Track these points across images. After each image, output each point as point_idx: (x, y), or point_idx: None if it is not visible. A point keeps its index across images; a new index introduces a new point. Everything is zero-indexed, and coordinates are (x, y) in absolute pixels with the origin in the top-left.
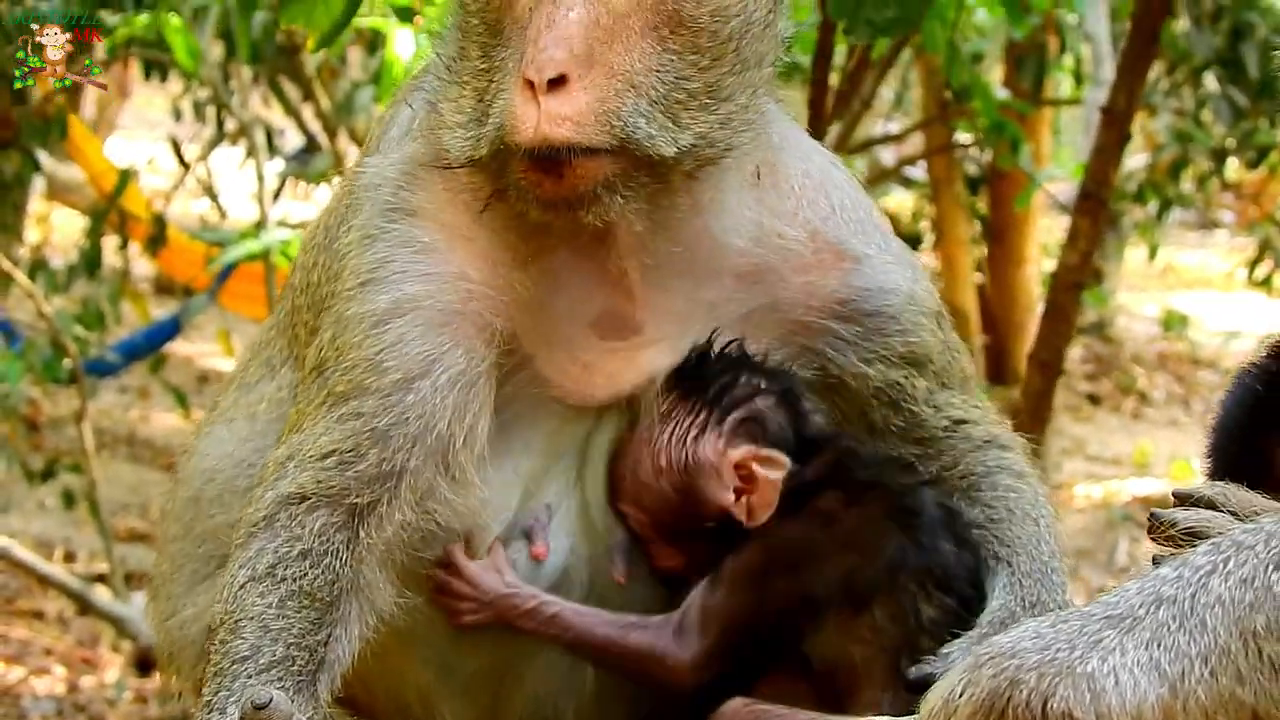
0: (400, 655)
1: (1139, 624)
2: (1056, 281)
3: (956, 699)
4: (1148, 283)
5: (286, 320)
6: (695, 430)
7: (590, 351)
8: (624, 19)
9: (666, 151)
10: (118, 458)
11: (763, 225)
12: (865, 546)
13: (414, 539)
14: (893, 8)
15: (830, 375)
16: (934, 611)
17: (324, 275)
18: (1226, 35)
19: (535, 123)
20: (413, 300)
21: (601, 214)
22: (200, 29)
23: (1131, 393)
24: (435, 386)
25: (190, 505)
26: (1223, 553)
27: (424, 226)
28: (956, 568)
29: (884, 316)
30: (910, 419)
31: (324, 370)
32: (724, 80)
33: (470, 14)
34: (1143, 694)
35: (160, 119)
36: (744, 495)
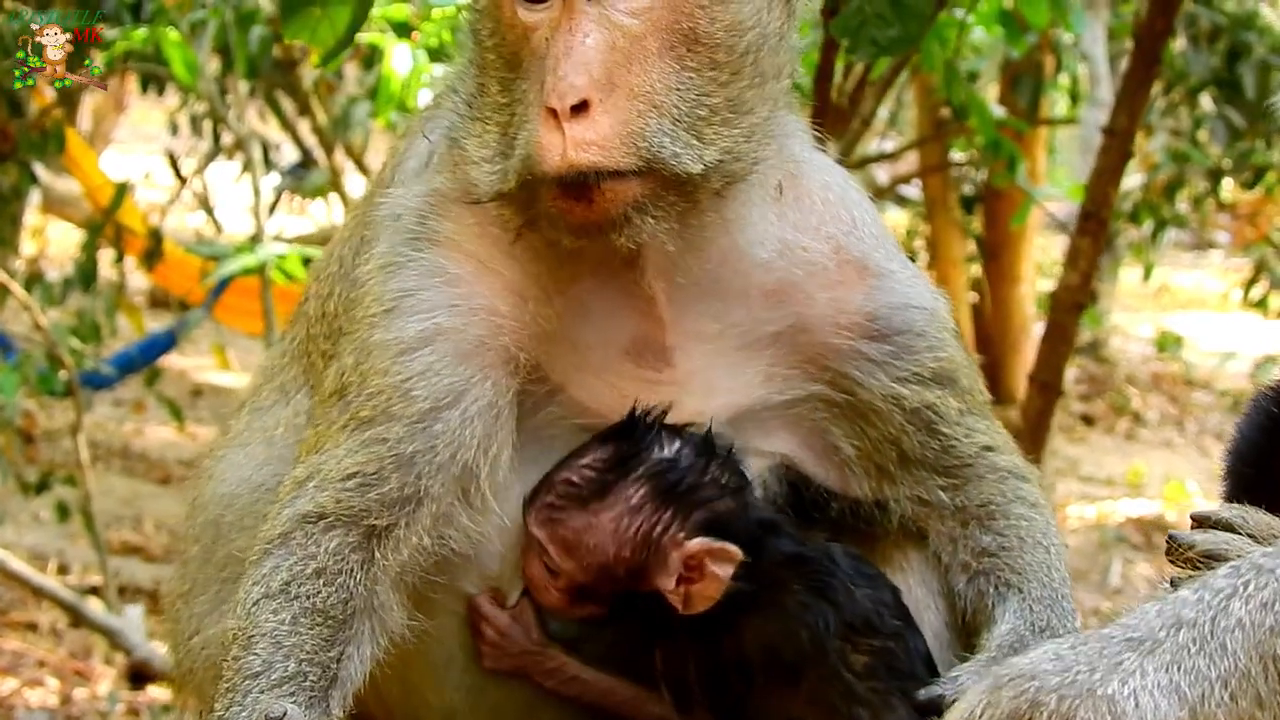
0: (426, 677)
1: (1159, 647)
2: (1057, 302)
3: (977, 719)
4: (1142, 303)
5: (300, 348)
6: (658, 515)
7: (625, 378)
8: (640, 41)
9: (693, 168)
10: (112, 470)
11: (786, 240)
12: (787, 624)
13: (428, 563)
14: (895, 26)
15: (859, 401)
16: (864, 657)
17: (341, 304)
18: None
19: (561, 150)
20: (443, 331)
21: (633, 236)
22: (198, 43)
23: (1125, 413)
24: (464, 417)
25: (210, 529)
26: (1243, 576)
27: (451, 256)
28: (877, 608)
29: (912, 334)
30: (944, 442)
31: (346, 394)
32: (744, 94)
33: (487, 50)
34: (1163, 717)
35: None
36: (685, 585)
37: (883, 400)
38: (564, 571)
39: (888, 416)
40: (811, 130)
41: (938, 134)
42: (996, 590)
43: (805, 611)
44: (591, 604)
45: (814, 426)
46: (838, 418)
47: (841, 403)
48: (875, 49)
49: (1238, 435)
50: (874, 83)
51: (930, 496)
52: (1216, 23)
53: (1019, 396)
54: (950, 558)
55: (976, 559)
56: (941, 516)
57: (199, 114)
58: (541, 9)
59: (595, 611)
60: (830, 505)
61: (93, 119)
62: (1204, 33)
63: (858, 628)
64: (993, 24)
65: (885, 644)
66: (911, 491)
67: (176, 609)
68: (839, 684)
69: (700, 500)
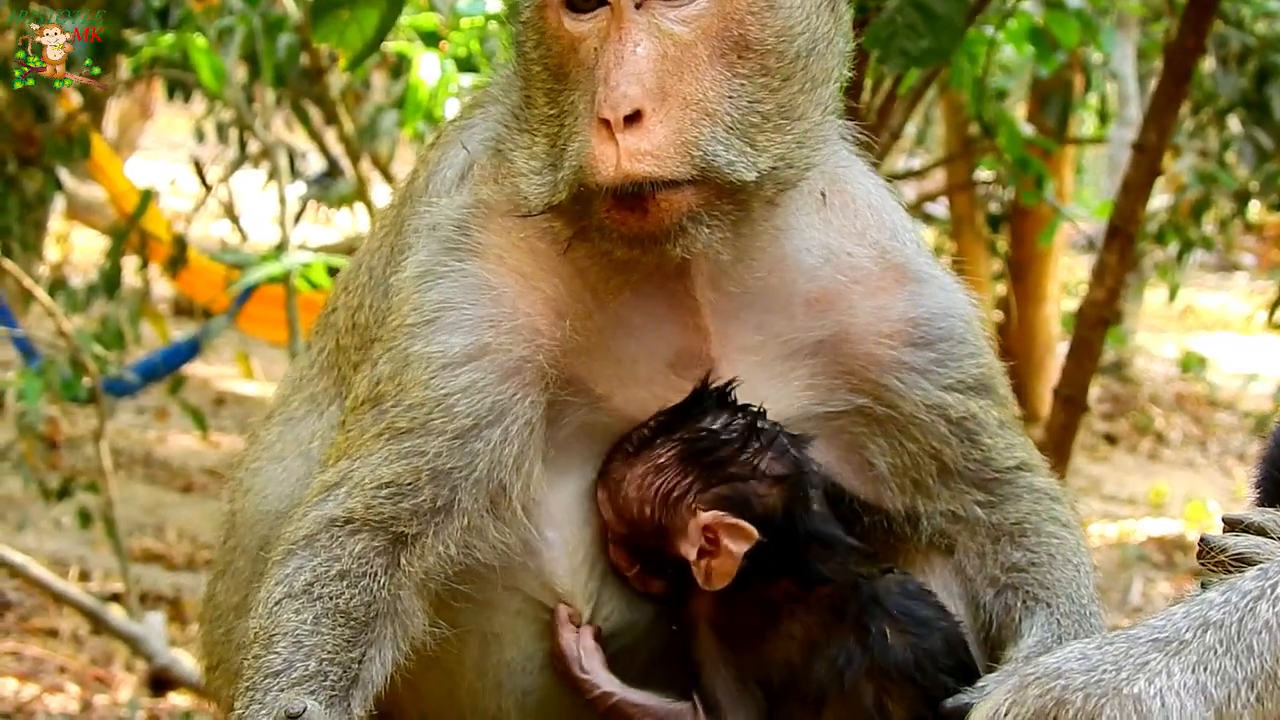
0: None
1: (1186, 647)
2: (1082, 317)
3: (1002, 717)
4: (1167, 324)
5: (330, 360)
6: (680, 479)
7: (671, 390)
8: (691, 49)
9: (747, 176)
10: (134, 478)
11: (832, 246)
12: (806, 647)
13: (452, 571)
14: (927, 38)
15: (901, 415)
16: (903, 708)
17: (373, 314)
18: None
19: (615, 161)
20: (487, 349)
21: (688, 246)
22: (225, 50)
23: (1148, 433)
24: (505, 436)
25: (258, 545)
26: (1270, 578)
27: (492, 269)
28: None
29: (954, 340)
30: (985, 453)
31: (381, 403)
32: (795, 99)
33: (532, 61)
34: (1188, 716)
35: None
36: (706, 558)
37: (926, 410)
38: (610, 523)
39: (930, 428)
40: (854, 136)
41: (965, 152)
42: (1024, 605)
43: (828, 643)
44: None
45: (852, 441)
46: (876, 433)
47: (882, 416)
48: (906, 60)
49: (1272, 444)
50: (903, 96)
51: (966, 512)
52: (1246, 44)
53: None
54: (976, 571)
55: (1005, 573)
56: (974, 532)
57: (225, 121)
58: (589, 19)
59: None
60: (863, 519)
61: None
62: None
63: (894, 677)
64: (1023, 42)
65: (930, 694)
66: (947, 507)
67: (230, 623)
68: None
69: (725, 475)
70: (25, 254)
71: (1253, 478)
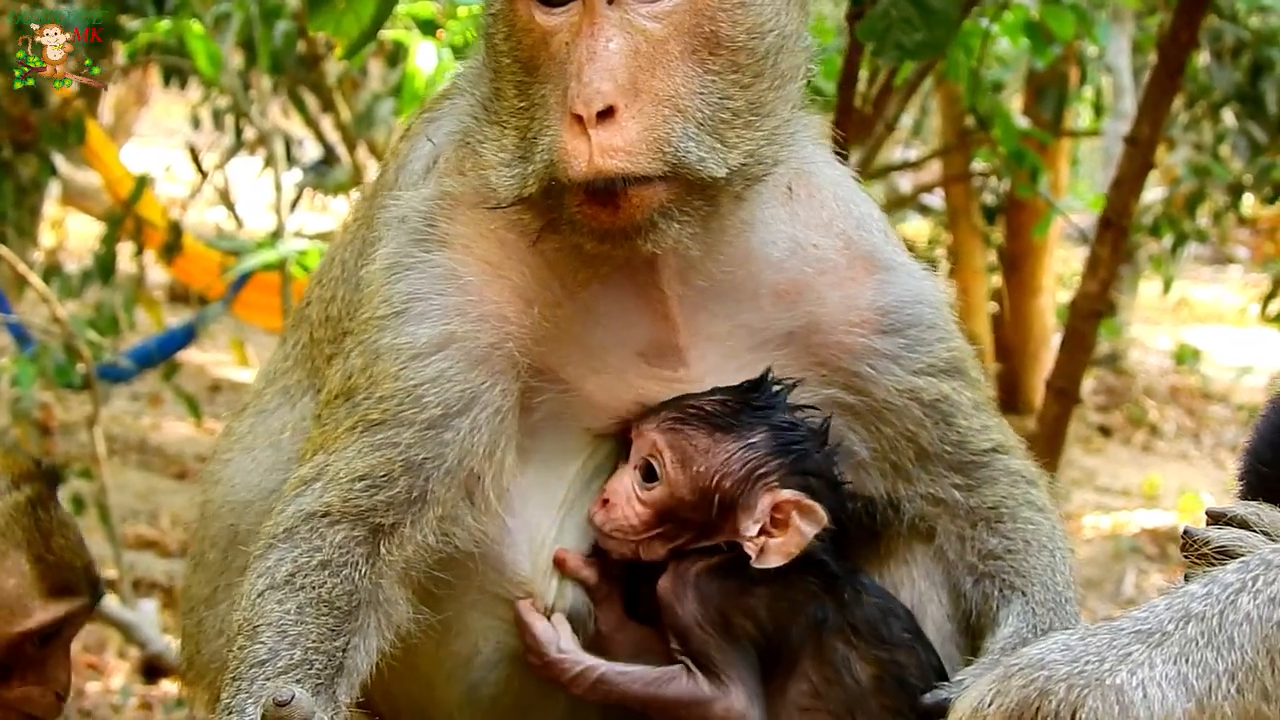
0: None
1: (1168, 639)
2: (1075, 310)
3: (985, 709)
4: (1161, 316)
5: (304, 352)
6: (770, 459)
7: (642, 377)
8: (663, 45)
9: (718, 172)
10: (128, 465)
11: (797, 239)
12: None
13: (433, 560)
14: (921, 31)
15: (875, 401)
16: (870, 667)
17: (345, 307)
18: (1247, 71)
19: (588, 156)
20: (455, 337)
21: (658, 241)
22: (222, 37)
23: (1142, 425)
24: (474, 425)
25: (226, 534)
26: (1251, 571)
27: (460, 259)
28: (885, 617)
29: (923, 325)
30: (960, 435)
31: (354, 396)
32: (765, 96)
33: (502, 54)
34: (1170, 708)
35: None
36: (765, 535)
37: (899, 395)
38: (669, 482)
39: (904, 412)
40: (819, 128)
41: (961, 144)
42: (1001, 593)
43: (808, 601)
44: (661, 536)
45: (831, 431)
46: (852, 421)
47: (856, 405)
48: (901, 53)
49: (1255, 437)
50: (898, 88)
51: (945, 495)
52: (1240, 38)
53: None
54: (957, 556)
55: (983, 561)
56: (953, 516)
57: (221, 108)
58: (560, 13)
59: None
60: (845, 505)
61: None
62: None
63: (862, 633)
64: (1018, 35)
65: (894, 656)
66: (927, 490)
67: (200, 614)
68: (842, 690)
69: (804, 468)
70: (20, 240)
71: (1237, 471)
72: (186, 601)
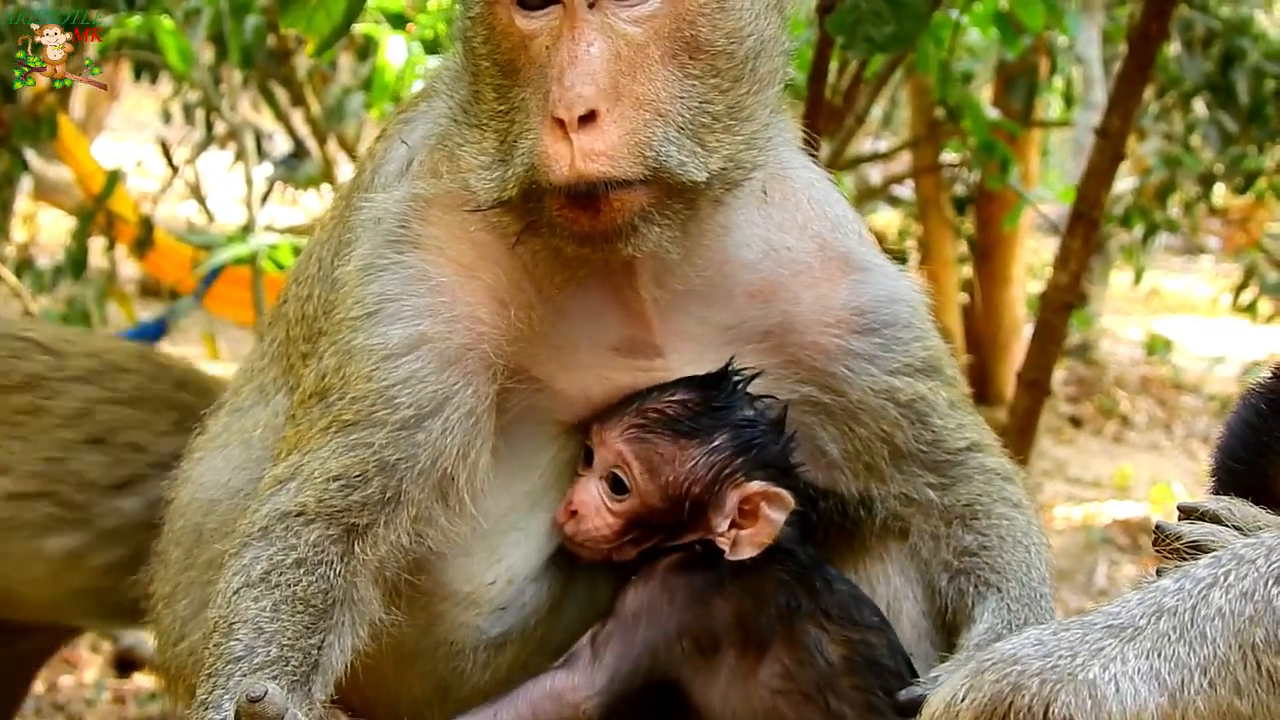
0: (397, 671)
1: (1140, 634)
2: (1046, 301)
3: (958, 703)
4: (1132, 307)
5: (280, 350)
6: (731, 457)
7: (616, 370)
8: (644, 49)
9: (698, 177)
10: None
11: (771, 241)
12: (757, 595)
13: (405, 560)
14: (891, 24)
15: (850, 402)
16: (840, 648)
17: (320, 306)
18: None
19: (569, 160)
20: (427, 338)
21: (639, 245)
22: (192, 31)
23: (1113, 416)
24: (446, 426)
25: (191, 533)
26: (1224, 566)
27: (433, 260)
28: (856, 602)
29: (899, 325)
30: (936, 434)
31: (327, 397)
32: (745, 100)
33: (481, 57)
34: (1142, 702)
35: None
36: (735, 529)
37: (874, 395)
38: (639, 493)
39: (880, 412)
40: (796, 129)
41: (931, 135)
42: (976, 590)
43: (778, 590)
44: (633, 541)
45: (803, 428)
46: (825, 421)
47: (830, 404)
48: (871, 46)
49: (1226, 432)
50: (868, 81)
51: (919, 495)
52: (1211, 28)
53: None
54: (931, 554)
55: (958, 558)
56: (927, 515)
57: (192, 103)
58: (540, 16)
59: (628, 553)
60: (818, 503)
61: (85, 106)
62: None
63: (833, 616)
64: (988, 25)
65: (864, 637)
66: (900, 490)
67: (159, 612)
68: (814, 670)
69: (766, 460)
70: None
71: (1209, 467)
72: (150, 600)
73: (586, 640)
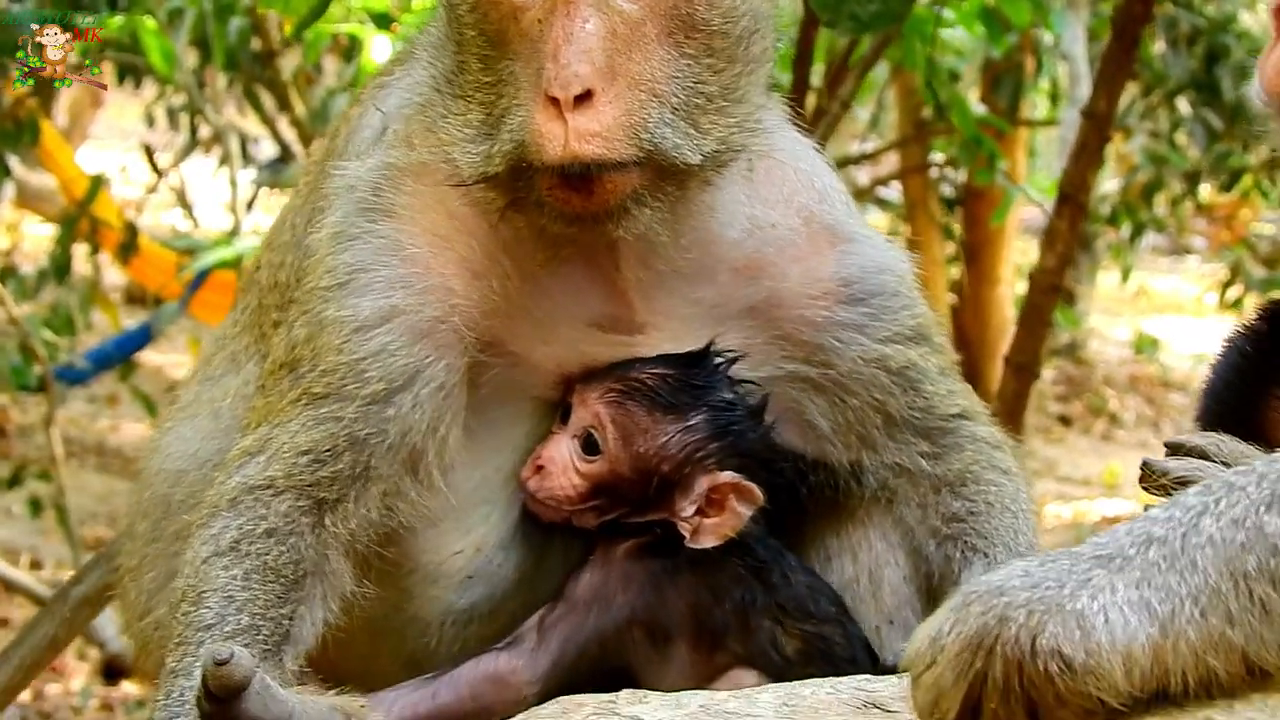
0: (368, 645)
1: (1129, 564)
2: (1034, 284)
3: (944, 636)
4: (1120, 306)
5: (252, 318)
6: (706, 439)
7: (595, 345)
8: (640, 27)
9: (692, 160)
10: (86, 467)
11: (756, 218)
12: (714, 587)
13: (376, 533)
14: (876, 2)
15: (839, 374)
16: (795, 641)
17: (293, 274)
18: (1202, 59)
19: (564, 140)
20: (398, 311)
21: (630, 227)
22: (175, 34)
23: (1102, 414)
24: (416, 400)
25: (159, 504)
26: (1214, 494)
27: (406, 231)
28: (813, 595)
29: (887, 294)
30: (928, 400)
31: (298, 368)
32: (738, 81)
33: (467, 26)
34: (1132, 633)
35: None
36: (702, 515)
37: (865, 365)
38: (610, 458)
39: (872, 381)
40: (782, 104)
41: (918, 135)
42: (963, 555)
43: (734, 584)
44: (596, 509)
45: (792, 403)
46: (814, 395)
47: (818, 378)
48: (855, 25)
49: (1212, 374)
50: (854, 66)
51: (911, 464)
52: (1196, 26)
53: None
54: (918, 521)
55: (946, 524)
56: (916, 484)
57: (176, 106)
58: None
59: (589, 520)
60: (807, 477)
61: (69, 114)
62: (1183, 35)
63: (789, 610)
64: (974, 22)
65: (819, 629)
66: (893, 459)
67: (125, 585)
68: (767, 665)
69: (742, 448)
70: None
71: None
72: (119, 574)
73: (534, 623)
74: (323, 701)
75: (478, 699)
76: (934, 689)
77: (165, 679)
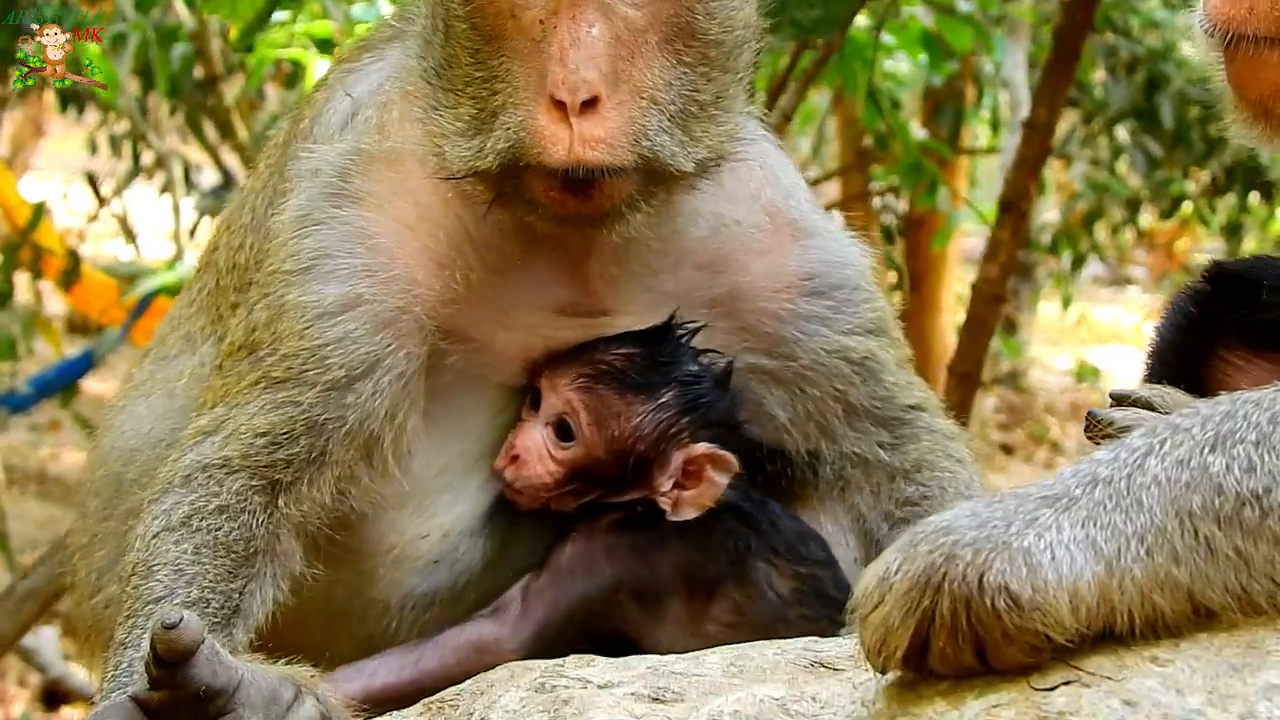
0: (324, 628)
1: (1075, 503)
2: (976, 293)
3: (892, 576)
4: (1061, 336)
5: (209, 299)
6: (677, 414)
7: (559, 329)
8: (643, 34)
9: (685, 167)
10: (27, 494)
11: (721, 214)
12: (702, 547)
13: (327, 516)
14: (818, 7)
15: (800, 366)
16: (789, 581)
17: (252, 256)
18: (1141, 87)
19: (568, 145)
20: (362, 299)
21: (621, 230)
22: (119, 59)
23: (1044, 442)
24: (376, 388)
25: (111, 483)
26: (1159, 435)
27: (371, 218)
28: (803, 538)
29: (849, 288)
30: (887, 391)
31: (257, 351)
32: (729, 90)
33: (459, 19)
34: (1079, 570)
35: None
36: (678, 489)
37: (828, 356)
38: (585, 443)
39: (834, 371)
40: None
41: (860, 163)
42: None
43: (726, 538)
44: (574, 492)
45: (751, 396)
46: (774, 386)
47: (777, 370)
48: (797, 30)
49: (1157, 336)
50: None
51: (869, 454)
52: (1135, 54)
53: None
54: (870, 508)
55: (899, 508)
56: (871, 472)
57: (119, 134)
58: None
59: (567, 504)
60: (765, 465)
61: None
62: (1123, 63)
63: (781, 552)
64: (916, 48)
65: (812, 570)
66: (851, 448)
67: (76, 564)
68: (764, 603)
69: (711, 419)
70: None
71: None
72: (69, 551)
73: (518, 591)
74: (273, 671)
75: (462, 665)
76: (881, 628)
77: (114, 651)
